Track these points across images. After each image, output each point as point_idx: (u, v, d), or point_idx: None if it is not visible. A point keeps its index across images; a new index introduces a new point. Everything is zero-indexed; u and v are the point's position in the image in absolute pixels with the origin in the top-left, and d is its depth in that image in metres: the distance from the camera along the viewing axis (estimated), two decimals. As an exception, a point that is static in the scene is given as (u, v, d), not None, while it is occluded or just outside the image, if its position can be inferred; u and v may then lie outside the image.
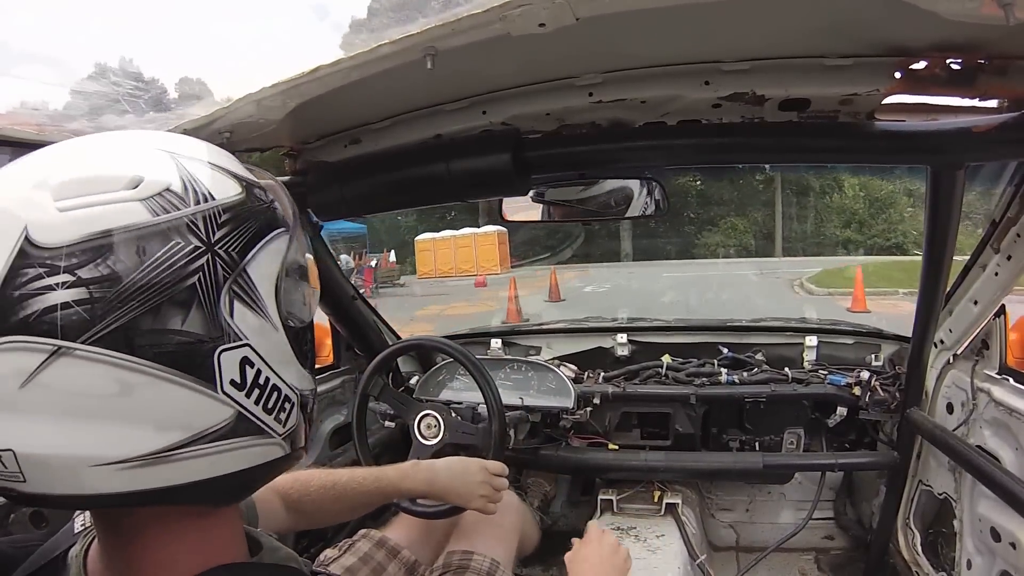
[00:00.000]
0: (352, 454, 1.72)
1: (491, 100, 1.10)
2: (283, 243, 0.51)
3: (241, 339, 0.47)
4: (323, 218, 1.52)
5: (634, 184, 1.54)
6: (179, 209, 0.44)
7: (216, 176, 0.48)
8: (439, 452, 1.55)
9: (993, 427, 1.41)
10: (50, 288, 0.41)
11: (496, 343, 2.30)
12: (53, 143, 0.73)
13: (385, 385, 1.65)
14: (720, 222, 25.12)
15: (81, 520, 0.61)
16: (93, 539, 0.56)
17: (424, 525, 1.44)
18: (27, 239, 0.41)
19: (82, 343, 0.41)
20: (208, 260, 0.44)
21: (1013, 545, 1.30)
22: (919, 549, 1.73)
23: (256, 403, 0.48)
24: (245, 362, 0.47)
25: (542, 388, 1.94)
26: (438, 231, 22.32)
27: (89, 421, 0.43)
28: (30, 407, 0.42)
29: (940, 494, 1.61)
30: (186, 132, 0.98)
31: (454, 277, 19.47)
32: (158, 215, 0.43)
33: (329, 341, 2.02)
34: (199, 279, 0.44)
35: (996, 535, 1.35)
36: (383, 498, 1.23)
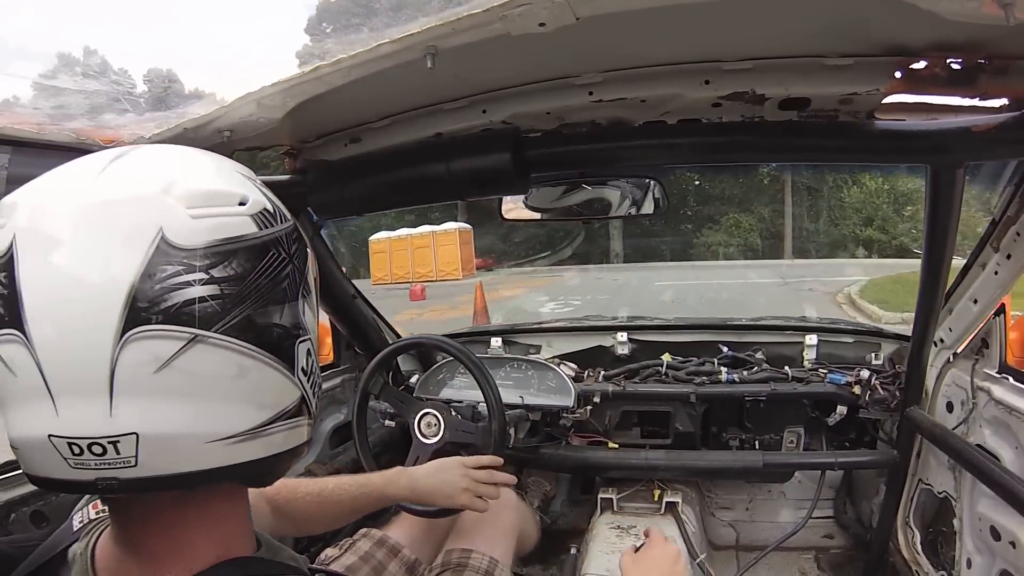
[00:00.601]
0: (352, 453, 1.72)
1: (491, 99, 1.09)
2: (312, 256, 0.59)
3: (308, 332, 0.56)
4: (323, 217, 1.52)
5: (613, 193, 1.54)
6: (273, 227, 0.53)
7: (278, 201, 0.57)
8: (439, 451, 1.55)
9: (993, 426, 1.41)
10: (188, 284, 0.47)
11: (496, 341, 2.30)
12: (53, 142, 0.77)
13: (385, 384, 1.65)
14: (722, 219, 23.23)
15: (79, 517, 0.62)
16: (99, 534, 0.58)
17: (425, 524, 1.44)
18: (163, 239, 0.47)
19: (214, 332, 0.48)
20: (291, 268, 0.53)
21: (1013, 544, 1.30)
22: (919, 548, 1.73)
23: (310, 387, 0.57)
24: (308, 352, 0.56)
25: (542, 387, 1.94)
26: (396, 229, 19.41)
27: (211, 401, 0.49)
28: (161, 390, 0.47)
29: (940, 493, 1.61)
30: (186, 131, 0.98)
31: (411, 283, 16.59)
32: (262, 229, 0.52)
33: (329, 340, 2.02)
34: (288, 283, 0.53)
35: (996, 534, 1.36)
36: (370, 505, 1.23)
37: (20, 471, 1.26)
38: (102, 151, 0.53)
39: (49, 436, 0.46)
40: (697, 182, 22.98)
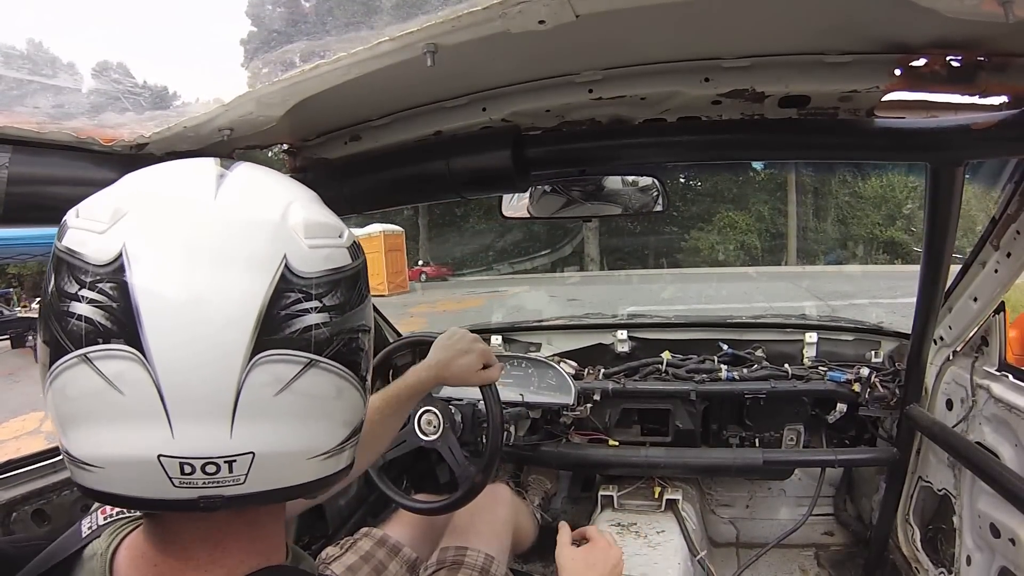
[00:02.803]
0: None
1: (491, 97, 1.09)
2: None
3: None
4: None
5: (613, 192, 1.55)
6: (359, 258, 0.55)
7: None
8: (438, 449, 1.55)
9: (992, 423, 1.41)
10: (307, 311, 0.49)
11: (496, 339, 2.30)
12: (53, 141, 0.76)
13: (385, 383, 1.65)
14: (714, 218, 20.85)
15: (88, 523, 0.61)
16: (124, 536, 0.57)
17: (425, 522, 1.44)
18: (287, 267, 0.48)
19: (324, 357, 0.50)
20: (368, 297, 0.56)
21: (1012, 541, 1.30)
22: (919, 545, 1.73)
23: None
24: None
25: (542, 384, 1.95)
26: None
27: (315, 420, 0.51)
28: (278, 412, 0.48)
29: (940, 490, 1.62)
30: (186, 129, 0.98)
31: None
32: (353, 261, 0.54)
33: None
34: (367, 310, 0.56)
35: (995, 531, 1.36)
36: (407, 401, 1.19)
37: (19, 471, 1.26)
38: (195, 161, 0.53)
39: (159, 456, 0.46)
40: (683, 178, 21.11)
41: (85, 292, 0.45)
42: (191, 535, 0.53)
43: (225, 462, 0.47)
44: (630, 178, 1.56)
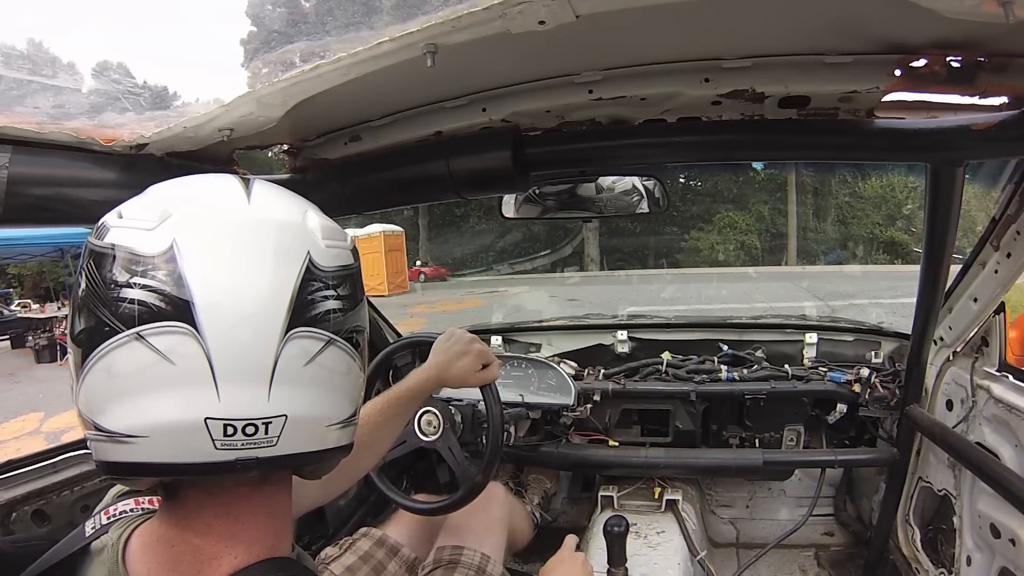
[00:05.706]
0: None
1: (491, 97, 1.09)
2: None
3: None
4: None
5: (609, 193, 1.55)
6: (358, 261, 0.64)
7: None
8: (438, 449, 1.55)
9: (992, 424, 1.41)
10: (327, 297, 0.58)
11: (496, 340, 2.30)
12: (53, 141, 0.78)
13: (385, 383, 1.65)
14: (714, 219, 20.78)
15: (92, 524, 0.63)
16: (135, 527, 0.61)
17: (424, 522, 1.44)
18: (311, 261, 0.57)
19: (340, 337, 0.58)
20: (364, 300, 0.65)
21: (1013, 541, 1.30)
22: (919, 545, 1.73)
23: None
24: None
25: (542, 385, 1.95)
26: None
27: (332, 392, 0.59)
28: (306, 380, 0.56)
29: (940, 491, 1.62)
30: (186, 130, 0.98)
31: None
32: (355, 262, 0.63)
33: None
34: (364, 313, 0.64)
35: (996, 531, 1.36)
36: (408, 404, 1.18)
37: (19, 471, 1.26)
38: (219, 175, 0.61)
39: (206, 419, 0.51)
40: (683, 178, 21.09)
41: (137, 279, 0.51)
42: (211, 511, 0.58)
43: (263, 423, 0.53)
44: (607, 182, 1.56)
